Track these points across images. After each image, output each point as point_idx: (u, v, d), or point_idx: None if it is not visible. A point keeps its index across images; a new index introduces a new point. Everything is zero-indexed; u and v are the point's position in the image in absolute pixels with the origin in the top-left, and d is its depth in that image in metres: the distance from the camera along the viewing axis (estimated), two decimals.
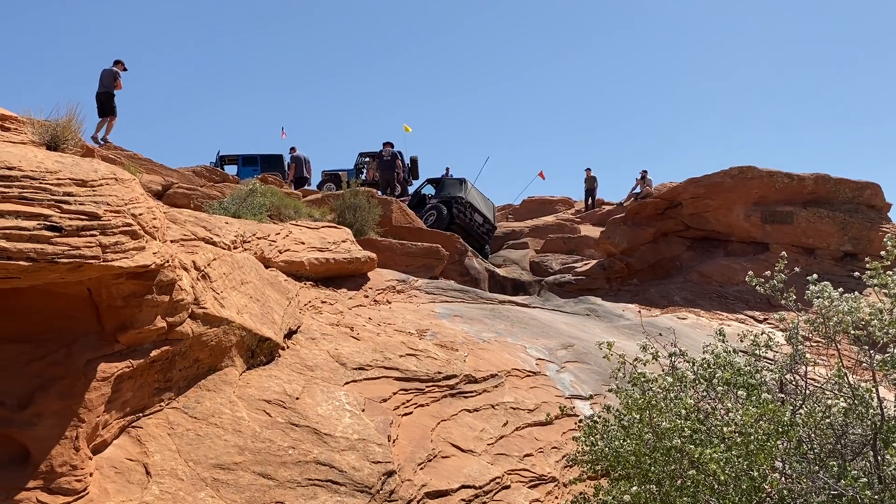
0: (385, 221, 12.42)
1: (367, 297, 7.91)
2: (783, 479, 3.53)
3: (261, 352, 4.85)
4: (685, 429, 3.55)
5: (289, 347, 5.21)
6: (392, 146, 17.45)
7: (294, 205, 10.39)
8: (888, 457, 3.39)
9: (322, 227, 8.86)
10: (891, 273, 3.84)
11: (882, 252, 3.93)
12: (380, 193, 14.26)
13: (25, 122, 5.97)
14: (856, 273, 4.95)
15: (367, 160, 20.68)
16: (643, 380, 4.01)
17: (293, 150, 18.16)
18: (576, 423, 5.13)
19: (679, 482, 3.52)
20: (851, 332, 3.87)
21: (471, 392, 5.65)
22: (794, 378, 4.22)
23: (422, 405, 5.17)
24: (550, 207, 23.88)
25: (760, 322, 11.40)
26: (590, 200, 22.42)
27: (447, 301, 8.70)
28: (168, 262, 3.82)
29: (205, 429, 3.92)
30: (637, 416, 3.85)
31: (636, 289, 14.11)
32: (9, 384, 3.28)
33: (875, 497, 3.14)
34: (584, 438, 4.16)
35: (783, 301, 4.14)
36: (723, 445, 3.40)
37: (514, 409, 5.60)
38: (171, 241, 4.44)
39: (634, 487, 3.55)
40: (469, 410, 5.37)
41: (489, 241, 17.47)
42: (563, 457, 5.10)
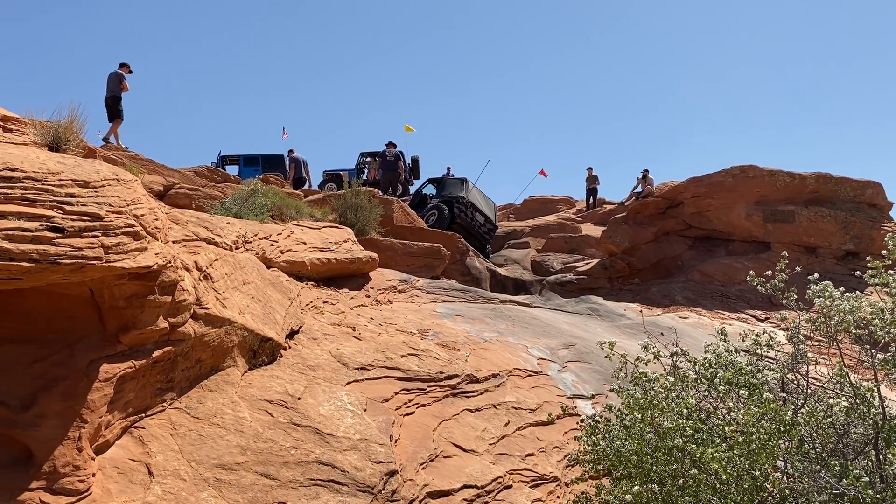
0: (386, 221, 12.41)
1: (369, 297, 7.91)
2: (785, 479, 3.54)
3: (263, 352, 4.86)
4: (687, 428, 3.55)
5: (291, 347, 5.22)
6: (395, 146, 17.45)
7: (295, 205, 10.39)
8: (890, 456, 3.39)
9: (323, 228, 8.87)
10: (892, 272, 3.84)
11: (883, 251, 3.93)
12: (381, 193, 14.26)
13: (27, 123, 5.96)
14: (857, 272, 4.95)
15: (369, 160, 20.73)
16: (645, 379, 4.01)
17: (291, 153, 18.60)
18: (577, 423, 5.13)
19: (681, 482, 3.52)
20: (853, 332, 3.87)
21: (472, 392, 5.65)
22: (796, 377, 4.22)
23: (423, 405, 5.17)
24: (552, 207, 23.89)
25: (762, 321, 11.39)
26: (591, 200, 22.42)
27: (449, 301, 8.70)
28: (170, 263, 3.83)
29: (207, 429, 3.92)
30: (639, 416, 3.85)
31: (638, 288, 14.12)
32: (11, 385, 3.29)
33: (877, 496, 3.14)
34: (586, 438, 4.16)
35: (784, 300, 4.14)
36: (724, 445, 3.40)
37: (516, 409, 5.60)
38: (173, 242, 4.45)
39: (636, 487, 3.55)
40: (471, 410, 5.37)
41: (490, 241, 17.47)
42: (565, 456, 5.10)
